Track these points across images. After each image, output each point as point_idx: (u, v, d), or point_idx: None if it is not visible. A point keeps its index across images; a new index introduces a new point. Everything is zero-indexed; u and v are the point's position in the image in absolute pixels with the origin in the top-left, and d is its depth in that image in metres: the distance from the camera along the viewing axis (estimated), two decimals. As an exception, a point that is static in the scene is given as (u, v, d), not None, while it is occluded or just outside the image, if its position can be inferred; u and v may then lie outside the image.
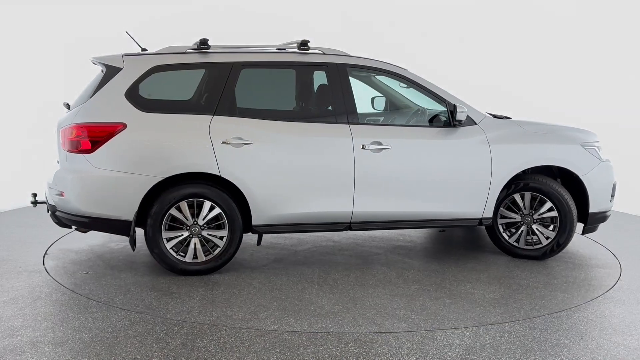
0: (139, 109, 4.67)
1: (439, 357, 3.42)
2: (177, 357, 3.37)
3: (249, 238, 6.13)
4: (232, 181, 4.72)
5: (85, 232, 5.11)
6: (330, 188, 4.87)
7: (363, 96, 6.00)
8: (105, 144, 4.59)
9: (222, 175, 4.69)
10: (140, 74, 4.74)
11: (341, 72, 4.99)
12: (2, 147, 7.90)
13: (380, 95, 5.94)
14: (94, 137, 4.59)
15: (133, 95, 4.70)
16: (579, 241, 5.96)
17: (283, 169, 4.78)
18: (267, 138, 4.77)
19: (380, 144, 4.88)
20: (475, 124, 5.10)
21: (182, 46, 4.99)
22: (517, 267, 5.11)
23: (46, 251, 5.50)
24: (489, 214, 5.15)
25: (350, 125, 4.90)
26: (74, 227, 5.00)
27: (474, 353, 3.47)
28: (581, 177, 5.21)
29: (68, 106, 5.13)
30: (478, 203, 5.10)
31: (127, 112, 4.65)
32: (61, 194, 4.76)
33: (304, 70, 5.15)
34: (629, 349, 3.57)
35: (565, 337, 3.72)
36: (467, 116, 5.04)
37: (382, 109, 5.98)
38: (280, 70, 5.17)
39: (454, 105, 4.95)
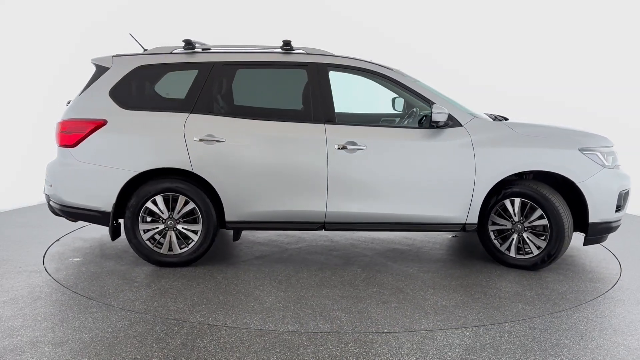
0: (120, 107, 4.94)
1: (439, 357, 3.42)
2: (177, 357, 3.37)
3: (248, 233, 6.15)
4: (204, 177, 4.89)
5: (74, 221, 5.32)
6: (303, 187, 4.90)
7: (383, 97, 5.98)
8: (87, 138, 4.91)
9: (194, 171, 4.88)
10: (125, 74, 5.02)
11: (321, 72, 5.01)
12: (3, 147, 7.90)
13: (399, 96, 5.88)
14: (77, 132, 4.93)
15: (116, 93, 4.99)
16: (583, 246, 5.79)
17: (255, 166, 4.88)
18: (239, 136, 4.90)
19: (355, 144, 4.87)
20: (461, 125, 4.93)
21: (169, 47, 5.21)
22: (500, 276, 4.89)
23: (46, 251, 5.50)
24: (473, 219, 4.98)
25: (326, 125, 4.91)
26: (64, 216, 5.23)
27: (474, 353, 3.48)
28: (578, 184, 4.89)
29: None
30: (460, 208, 4.94)
31: (109, 110, 4.94)
32: (51, 185, 5.12)
33: (285, 69, 5.17)
34: (629, 349, 3.57)
35: (565, 337, 3.73)
36: (453, 117, 4.92)
37: (401, 110, 5.94)
38: (261, 70, 5.20)
39: (432, 106, 4.85)
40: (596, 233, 5.01)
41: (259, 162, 4.88)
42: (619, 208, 5.04)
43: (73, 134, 4.94)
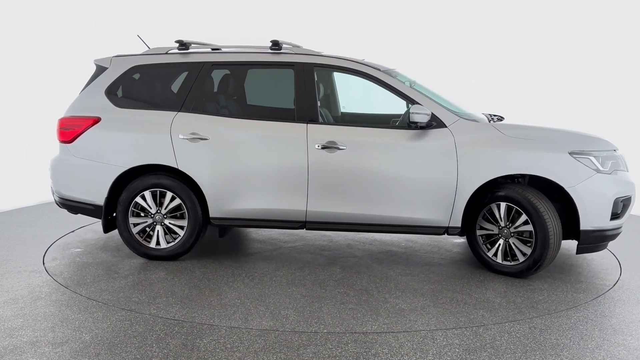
0: (114, 105, 5.17)
1: (439, 357, 3.42)
2: (177, 357, 3.37)
3: (251, 230, 6.15)
4: (188, 174, 5.03)
5: (75, 213, 5.50)
6: (284, 186, 4.95)
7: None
8: (82, 135, 5.15)
9: (179, 168, 5.03)
10: (120, 73, 5.23)
11: (307, 72, 5.03)
12: (3, 147, 7.90)
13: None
14: (73, 129, 5.18)
15: (111, 92, 5.22)
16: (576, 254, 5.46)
17: (237, 164, 4.98)
18: (222, 134, 5.01)
19: (335, 144, 4.86)
20: (445, 126, 4.80)
21: (165, 47, 5.37)
22: (480, 282, 4.72)
23: (46, 251, 5.50)
24: (456, 223, 4.84)
25: (308, 125, 4.92)
26: (65, 209, 5.46)
27: (474, 353, 3.48)
28: (567, 190, 4.65)
29: None
30: (442, 211, 4.82)
31: (104, 107, 5.17)
32: (52, 179, 5.40)
33: (273, 69, 5.30)
34: (629, 349, 3.57)
35: (565, 337, 3.73)
36: (437, 118, 4.79)
37: None
38: (250, 69, 5.35)
39: (410, 106, 4.76)
40: (589, 241, 4.76)
41: (242, 160, 4.97)
42: (615, 216, 4.78)
43: (70, 130, 5.19)
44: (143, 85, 5.30)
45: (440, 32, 9.69)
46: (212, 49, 5.39)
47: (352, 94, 6.46)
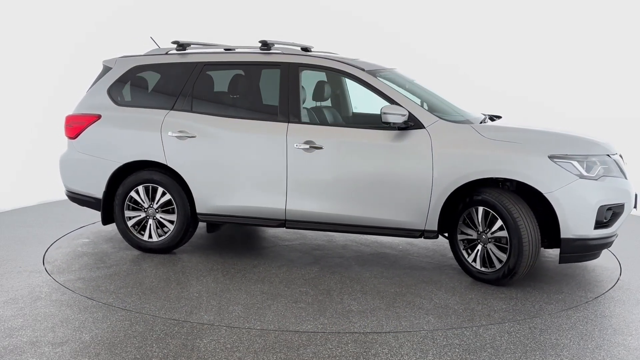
0: (114, 103, 5.42)
1: (439, 357, 3.42)
2: (177, 357, 3.37)
3: (258, 228, 6.23)
4: (176, 170, 5.20)
5: (82, 206, 5.73)
6: (264, 184, 5.03)
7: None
8: (84, 131, 5.44)
9: (168, 165, 5.21)
10: (122, 73, 5.48)
11: (292, 72, 5.07)
12: (3, 147, 7.90)
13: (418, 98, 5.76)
14: (77, 125, 5.48)
15: (113, 91, 5.48)
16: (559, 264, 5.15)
17: (220, 162, 5.10)
18: (208, 132, 5.13)
19: (313, 143, 4.86)
20: (424, 127, 4.69)
21: (165, 48, 5.58)
22: (452, 288, 4.57)
23: (46, 251, 5.50)
24: (432, 226, 4.71)
25: (289, 124, 4.95)
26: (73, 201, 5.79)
27: (474, 353, 3.48)
28: (546, 195, 4.41)
29: None
30: (418, 213, 4.71)
31: (105, 106, 5.43)
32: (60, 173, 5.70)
33: (261, 69, 5.39)
34: (629, 349, 3.57)
35: (565, 337, 3.73)
36: (416, 119, 4.68)
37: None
38: (240, 69, 5.45)
39: (382, 107, 4.67)
40: (572, 250, 4.48)
41: (225, 158, 5.08)
42: (601, 224, 4.49)
43: (74, 127, 5.48)
44: (142, 85, 5.52)
45: (449, 33, 9.68)
46: (225, 49, 5.49)
47: (361, 94, 6.46)
